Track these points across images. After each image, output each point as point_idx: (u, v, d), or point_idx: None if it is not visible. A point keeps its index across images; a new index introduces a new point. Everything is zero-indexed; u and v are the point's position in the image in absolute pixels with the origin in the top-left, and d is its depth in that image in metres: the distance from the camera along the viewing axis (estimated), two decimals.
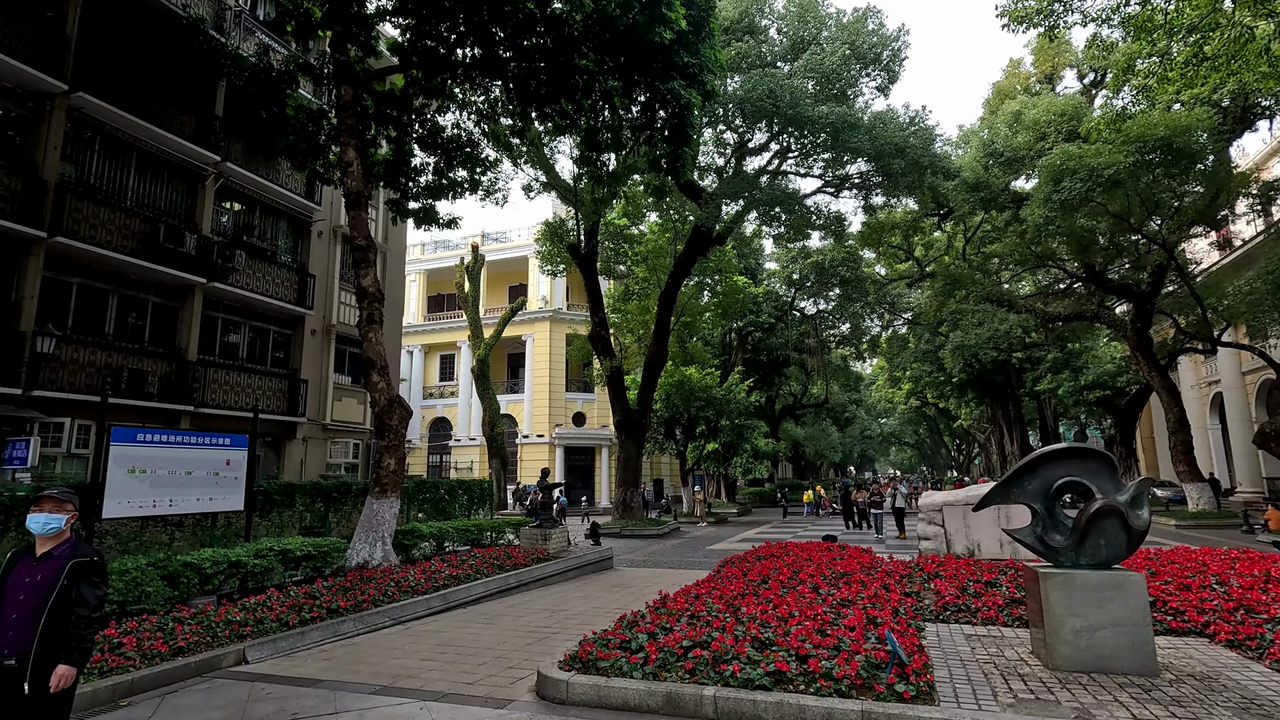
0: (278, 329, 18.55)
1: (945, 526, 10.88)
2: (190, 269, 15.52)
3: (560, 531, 14.22)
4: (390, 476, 11.01)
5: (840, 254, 30.61)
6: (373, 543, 10.72)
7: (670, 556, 17.23)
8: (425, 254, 44.35)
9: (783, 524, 27.77)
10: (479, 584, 10.21)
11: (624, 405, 23.86)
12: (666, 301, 23.38)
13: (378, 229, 22.38)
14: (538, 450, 38.29)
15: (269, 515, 10.40)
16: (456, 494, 15.18)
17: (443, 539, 12.75)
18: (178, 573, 7.75)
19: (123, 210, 14.44)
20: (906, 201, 29.47)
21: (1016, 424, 45.33)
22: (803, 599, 6.76)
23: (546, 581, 12.02)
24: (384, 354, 11.51)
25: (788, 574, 8.27)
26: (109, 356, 13.97)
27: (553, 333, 39.63)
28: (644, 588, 11.57)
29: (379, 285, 11.81)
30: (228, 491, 9.37)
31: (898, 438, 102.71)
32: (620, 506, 23.40)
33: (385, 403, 11.20)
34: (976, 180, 21.57)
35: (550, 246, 24.55)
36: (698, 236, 21.73)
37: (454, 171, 16.67)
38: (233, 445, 9.49)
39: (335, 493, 11.61)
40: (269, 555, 8.90)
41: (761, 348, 37.64)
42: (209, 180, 16.41)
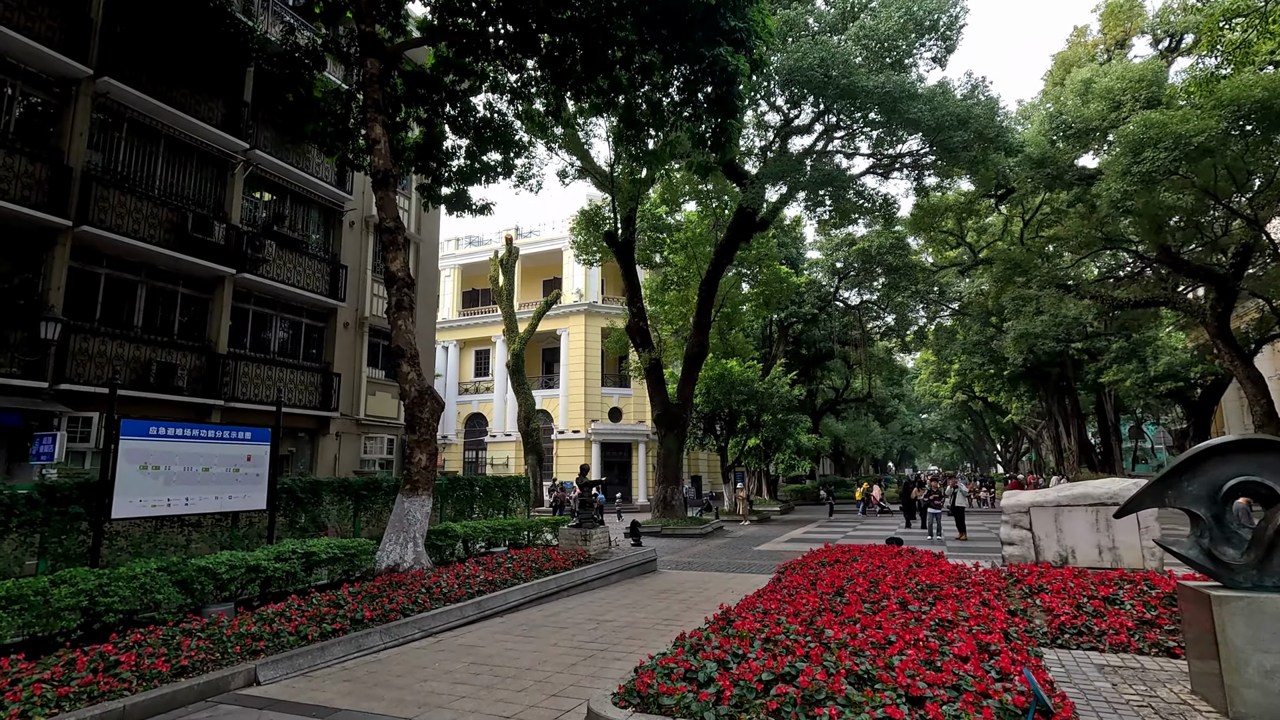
0: (310, 321, 18.10)
1: (1033, 530, 9.70)
2: (219, 259, 15.10)
3: (601, 532, 13.38)
4: (422, 473, 10.30)
5: (888, 240, 29.14)
6: (403, 544, 10.02)
7: (716, 558, 16.27)
8: (459, 249, 44.05)
9: (830, 523, 26.55)
10: (516, 590, 9.41)
11: (663, 399, 22.93)
12: (707, 291, 22.36)
13: (410, 219, 21.85)
14: (573, 446, 37.65)
15: (294, 514, 9.75)
16: (492, 491, 14.46)
17: (477, 539, 12.02)
18: (191, 578, 7.10)
19: (150, 199, 14.04)
20: (959, 183, 27.91)
21: (1074, 418, 42.99)
22: (893, 618, 5.75)
23: (588, 586, 11.19)
24: (414, 343, 10.79)
25: (864, 585, 7.25)
26: (137, 349, 13.58)
27: (588, 326, 38.92)
28: (694, 594, 10.65)
29: (408, 270, 11.10)
30: (249, 489, 8.73)
31: (939, 433, 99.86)
32: (660, 504, 22.50)
33: (416, 394, 10.48)
34: (1042, 156, 20.01)
35: (586, 235, 23.73)
36: (741, 220, 20.66)
37: (486, 154, 15.96)
38: (254, 440, 8.85)
39: (364, 490, 10.95)
40: (291, 559, 8.22)
41: (803, 340, 36.33)
42: (238, 168, 15.97)
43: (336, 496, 10.49)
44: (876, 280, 35.92)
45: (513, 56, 14.24)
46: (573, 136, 21.49)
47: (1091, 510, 9.36)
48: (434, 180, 15.88)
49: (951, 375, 56.49)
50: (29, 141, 12.38)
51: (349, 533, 10.70)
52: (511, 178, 17.62)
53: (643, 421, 38.87)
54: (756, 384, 27.69)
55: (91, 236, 12.85)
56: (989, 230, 31.90)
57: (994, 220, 31.23)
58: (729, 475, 29.83)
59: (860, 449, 61.07)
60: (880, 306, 37.04)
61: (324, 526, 10.30)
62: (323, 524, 10.23)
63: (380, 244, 11.02)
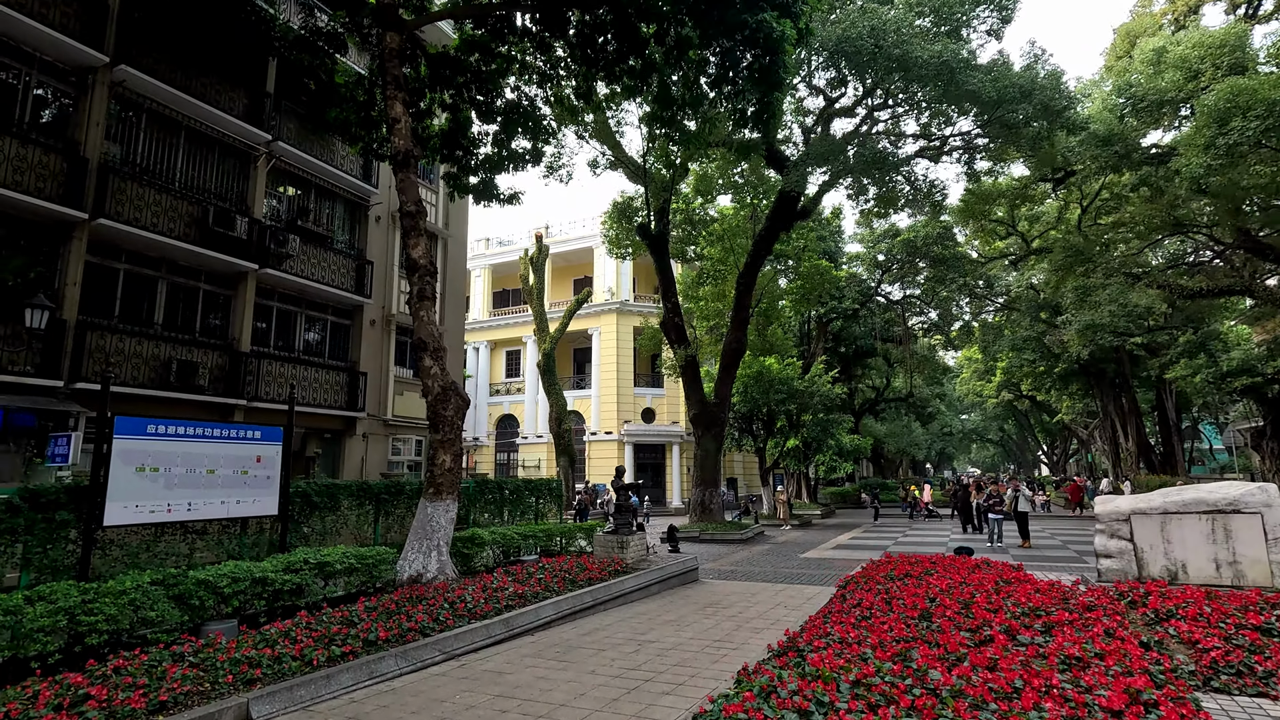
0: (335, 319, 17.56)
1: (1135, 541, 8.49)
2: (242, 254, 14.60)
3: (639, 539, 12.46)
4: (446, 475, 9.50)
5: (934, 230, 27.66)
6: (427, 552, 9.23)
7: (761, 566, 15.22)
8: (489, 249, 43.64)
9: (876, 528, 25.23)
10: (549, 604, 8.53)
11: (700, 397, 21.94)
12: (745, 284, 21.31)
13: (438, 214, 21.26)
14: (606, 448, 36.84)
15: (308, 520, 9.03)
16: (522, 494, 13.64)
17: (507, 547, 11.20)
18: (189, 592, 6.37)
19: (170, 192, 13.57)
20: (1012, 169, 26.34)
21: (1132, 416, 40.66)
22: (1008, 655, 4.70)
23: (626, 599, 10.27)
24: (438, 335, 10.01)
25: (954, 607, 6.18)
26: (157, 347, 13.10)
27: (619, 325, 38.09)
28: (743, 609, 9.66)
29: (431, 257, 10.33)
30: (258, 493, 8.01)
31: (979, 435, 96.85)
32: (698, 508, 21.49)
33: (439, 391, 9.69)
34: (1108, 133, 18.49)
35: (619, 228, 22.88)
36: (781, 207, 19.58)
37: (514, 141, 15.19)
38: (264, 439, 8.14)
39: (385, 494, 10.19)
40: (303, 570, 7.47)
41: (843, 337, 34.95)
42: (260, 161, 15.48)
43: (355, 501, 9.75)
44: (920, 274, 34.39)
45: (540, 36, 13.48)
46: (603, 124, 20.66)
47: (1206, 519, 8.13)
48: (460, 169, 15.19)
49: (997, 373, 54.30)
50: (44, 132, 11.98)
51: (369, 540, 9.97)
52: (540, 166, 16.84)
53: (676, 422, 37.88)
54: (796, 382, 26.51)
55: (109, 230, 12.40)
56: (1042, 219, 30.18)
57: (1048, 208, 29.53)
58: (768, 478, 28.66)
59: (901, 450, 59.09)
60: (924, 301, 35.43)
61: (341, 533, 9.57)
62: (340, 531, 9.49)
63: (401, 229, 10.30)
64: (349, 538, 9.70)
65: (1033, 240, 29.09)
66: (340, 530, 9.49)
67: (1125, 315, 20.83)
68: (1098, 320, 21.30)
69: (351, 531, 9.69)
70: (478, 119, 14.79)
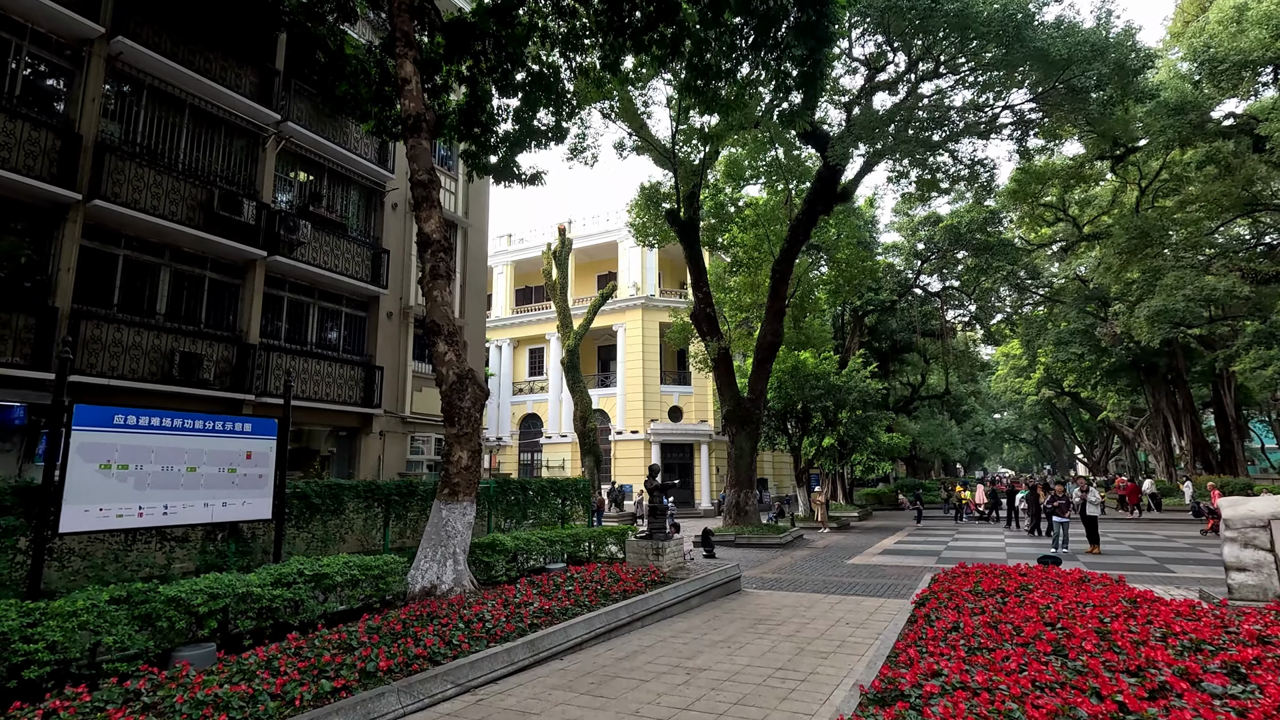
0: (349, 311, 16.68)
1: (1277, 551, 7.12)
2: (250, 241, 13.76)
3: (675, 544, 11.30)
4: (462, 474, 8.45)
5: (980, 215, 26.08)
6: (441, 561, 8.18)
7: (806, 574, 13.97)
8: (511, 245, 42.82)
9: (920, 531, 23.75)
10: (579, 622, 7.41)
11: (734, 393, 20.71)
12: (782, 271, 20.05)
13: (457, 202, 20.33)
14: (632, 447, 35.73)
15: (309, 525, 8.02)
16: (547, 496, 12.56)
17: (530, 554, 10.12)
18: (156, 612, 5.37)
19: (173, 174, 12.75)
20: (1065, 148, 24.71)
21: (1186, 413, 38.44)
22: (1200, 714, 3.46)
23: (665, 613, 9.12)
24: (453, 318, 8.97)
25: (1091, 636, 4.93)
26: (158, 338, 12.27)
27: (645, 321, 36.96)
28: (800, 627, 8.44)
29: (445, 232, 9.30)
30: (248, 495, 7.02)
31: (1013, 434, 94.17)
32: (733, 510, 20.26)
33: (454, 379, 8.64)
34: (1181, 101, 16.90)
35: (646, 215, 21.75)
36: (821, 188, 18.31)
37: (536, 116, 14.16)
38: (256, 433, 7.14)
39: (396, 495, 9.15)
40: (297, 583, 6.45)
41: (879, 331, 33.42)
42: (269, 142, 14.64)
43: (362, 503, 8.73)
44: (960, 265, 32.75)
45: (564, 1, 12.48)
46: (629, 105, 19.56)
47: None
48: (479, 147, 14.21)
49: (1037, 370, 52.18)
50: (35, 107, 11.21)
51: (377, 547, 8.94)
52: (564, 145, 15.90)
53: (705, 421, 36.65)
54: (834, 377, 25.14)
55: (105, 213, 11.59)
56: (1094, 203, 28.42)
57: (1101, 191, 27.78)
58: (803, 478, 27.30)
59: (936, 450, 57.02)
60: (964, 292, 33.74)
61: (346, 540, 8.56)
62: (345, 537, 8.48)
63: (413, 200, 9.27)
64: (355, 544, 8.69)
65: (1084, 225, 27.34)
66: (345, 536, 8.48)
67: (1202, 300, 19.15)
68: (1170, 305, 19.63)
69: (358, 537, 8.68)
70: (497, 93, 13.77)
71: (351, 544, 8.66)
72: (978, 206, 25.98)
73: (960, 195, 29.32)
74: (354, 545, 8.71)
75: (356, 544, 8.73)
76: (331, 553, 7.98)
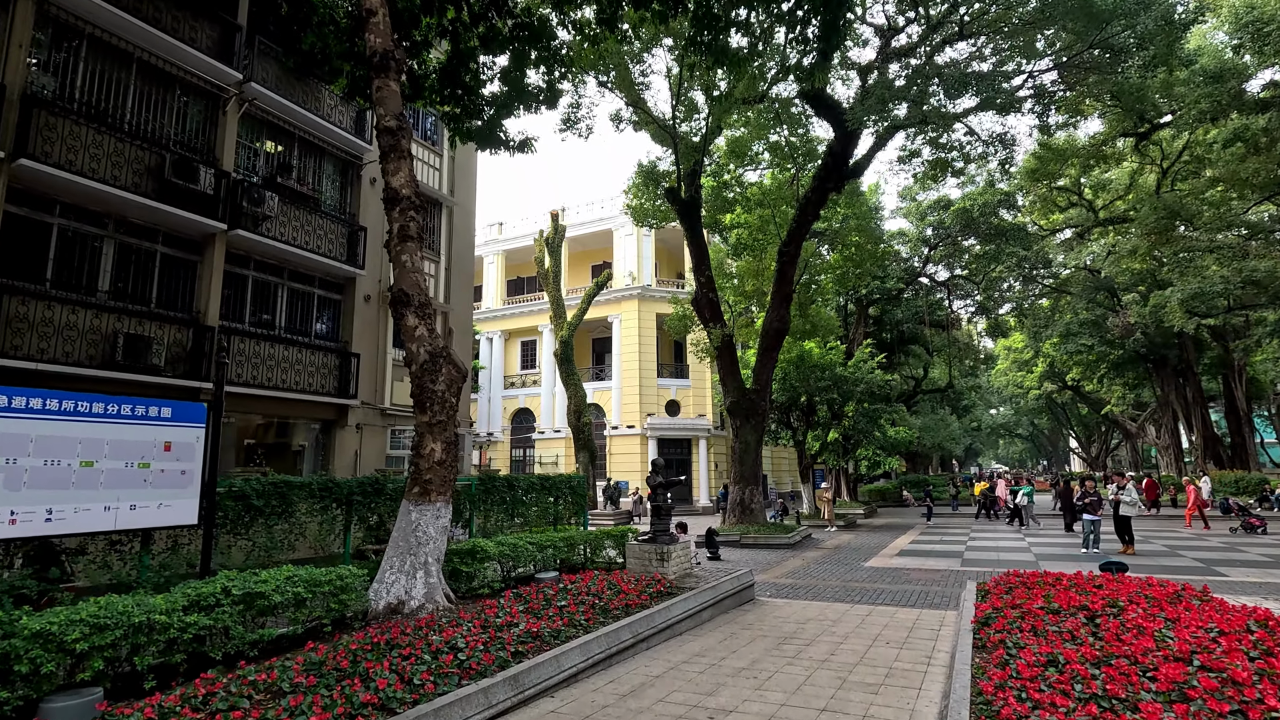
0: (323, 293, 15.32)
1: None
2: (208, 213, 12.39)
3: (681, 548, 10.05)
4: (435, 470, 7.16)
5: (994, 198, 24.87)
6: (410, 573, 6.90)
7: (823, 578, 12.74)
8: (502, 234, 41.42)
9: (933, 529, 22.59)
10: (575, 647, 6.14)
11: (738, 384, 19.46)
12: (789, 255, 18.79)
13: (441, 179, 18.99)
14: (628, 442, 34.46)
15: (249, 531, 6.71)
16: (538, 494, 11.25)
17: (518, 561, 8.83)
18: (15, 652, 4.06)
19: (117, 135, 11.37)
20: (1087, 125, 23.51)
21: (1197, 406, 37.42)
22: None
23: (674, 630, 7.86)
24: (425, 287, 7.67)
25: (1267, 689, 3.70)
26: (98, 318, 10.90)
27: (641, 312, 35.66)
28: (833, 648, 7.20)
29: (415, 187, 7.98)
30: (166, 495, 5.71)
31: (1009, 429, 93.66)
32: (737, 508, 19.03)
33: (426, 357, 7.35)
34: (1220, 68, 15.72)
35: (644, 195, 20.45)
36: (832, 162, 17.07)
37: (525, 75, 12.84)
38: (177, 419, 5.82)
39: (360, 494, 7.82)
40: (221, 604, 5.15)
41: (884, 321, 32.24)
42: (230, 104, 13.25)
43: (318, 504, 7.40)
44: (967, 253, 31.57)
45: None
46: (625, 75, 18.22)
47: None
48: (464, 111, 12.87)
49: (1039, 363, 51.25)
50: None
51: (339, 556, 7.63)
52: (557, 109, 14.50)
53: (703, 415, 35.43)
54: (840, 369, 23.94)
55: (34, 174, 10.21)
56: (1109, 188, 27.29)
57: (1117, 174, 26.64)
58: (808, 474, 26.10)
59: (936, 445, 55.96)
60: (973, 281, 32.57)
61: (298, 547, 7.24)
62: (295, 544, 7.17)
63: (379, 150, 7.96)
64: (309, 553, 7.38)
65: (1099, 211, 26.19)
66: (295, 543, 7.16)
67: (1239, 282, 18.01)
68: (1207, 288, 18.47)
69: (311, 545, 7.38)
70: (482, 48, 12.43)
71: (304, 552, 7.36)
72: (991, 189, 24.79)
73: (970, 179, 28.18)
74: (308, 554, 7.40)
75: (311, 552, 7.43)
76: (280, 563, 6.67)
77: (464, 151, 19.67)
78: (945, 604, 9.99)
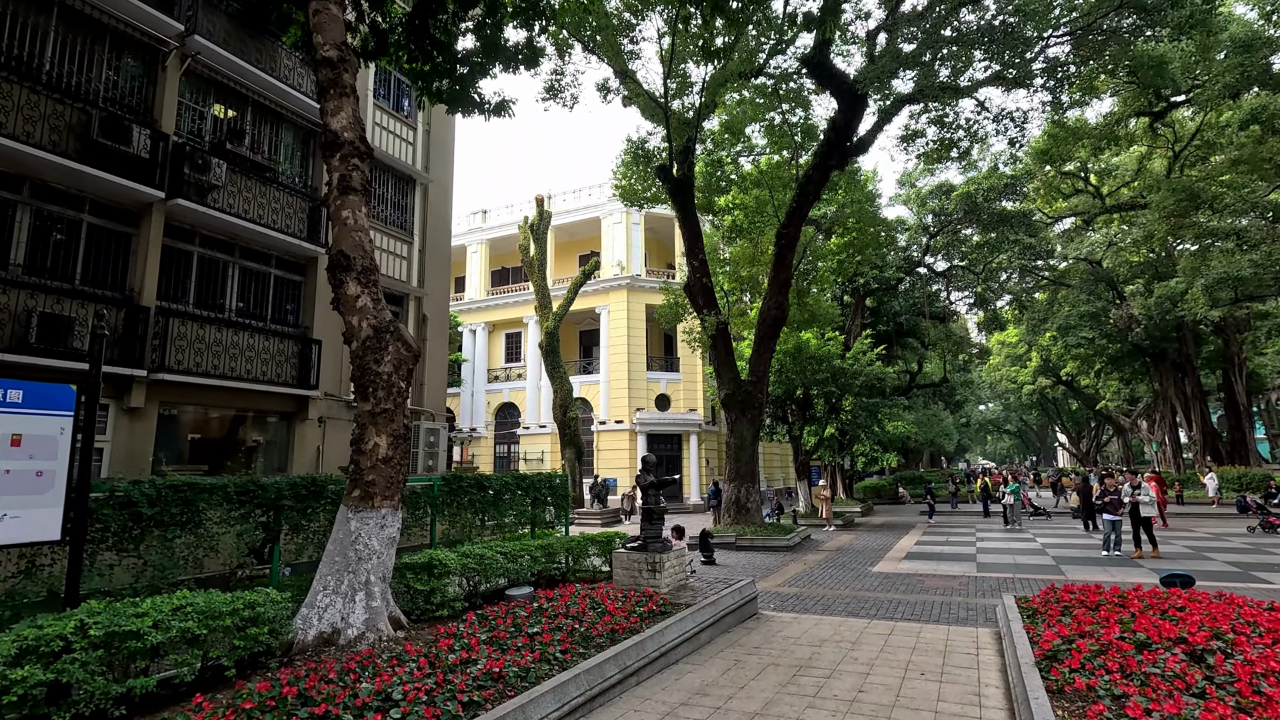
0: (280, 273, 13.95)
1: None
2: (144, 179, 11.01)
3: (675, 557, 8.84)
4: (380, 469, 5.89)
5: (1000, 182, 23.80)
6: (348, 595, 5.64)
7: (829, 585, 11.58)
8: (486, 222, 39.99)
9: (936, 529, 21.54)
10: (548, 692, 4.90)
11: (733, 375, 18.27)
12: (788, 237, 17.59)
13: (416, 154, 17.62)
14: (616, 438, 33.23)
15: (135, 547, 5.41)
16: (513, 495, 9.96)
17: (486, 574, 7.58)
18: None
19: (31, 87, 9.96)
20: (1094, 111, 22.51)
21: (1196, 401, 36.68)
22: None
23: (668, 658, 6.65)
24: (369, 248, 6.38)
25: None
26: (5, 295, 9.52)
27: (630, 303, 34.41)
28: (859, 681, 6.00)
29: (360, 131, 6.68)
30: (16, 503, 4.40)
31: (997, 425, 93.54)
32: (732, 507, 17.86)
33: (370, 332, 6.07)
34: (1249, 37, 14.69)
35: (634, 174, 19.18)
36: (835, 137, 15.89)
37: (503, 29, 11.52)
38: (30, 406, 4.52)
39: (291, 499, 6.50)
40: (73, 650, 3.86)
41: (882, 312, 31.18)
42: (171, 60, 11.84)
43: (235, 510, 6.08)
44: (967, 243, 30.57)
45: None
46: (613, 43, 16.93)
47: None
48: (433, 69, 11.54)
49: (1033, 358, 50.59)
50: None
51: (261, 577, 6.34)
52: (538, 70, 13.20)
53: (694, 410, 34.27)
54: (838, 361, 22.83)
55: None
56: (1115, 174, 26.34)
57: (1124, 159, 25.69)
58: (804, 470, 25.00)
59: (930, 441, 55.15)
60: (972, 272, 31.57)
61: (207, 565, 5.94)
62: (205, 561, 5.86)
63: (317, 85, 6.66)
64: (222, 569, 6.08)
65: (1105, 196, 25.23)
66: (205, 560, 5.86)
67: (1271, 264, 17.00)
68: (1234, 271, 17.46)
69: (226, 561, 6.07)
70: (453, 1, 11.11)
71: (217, 570, 6.06)
72: (995, 174, 23.73)
73: (973, 164, 27.14)
74: (221, 571, 6.10)
75: (224, 570, 6.13)
76: (183, 586, 5.38)
77: (440, 125, 18.32)
78: (972, 618, 8.86)
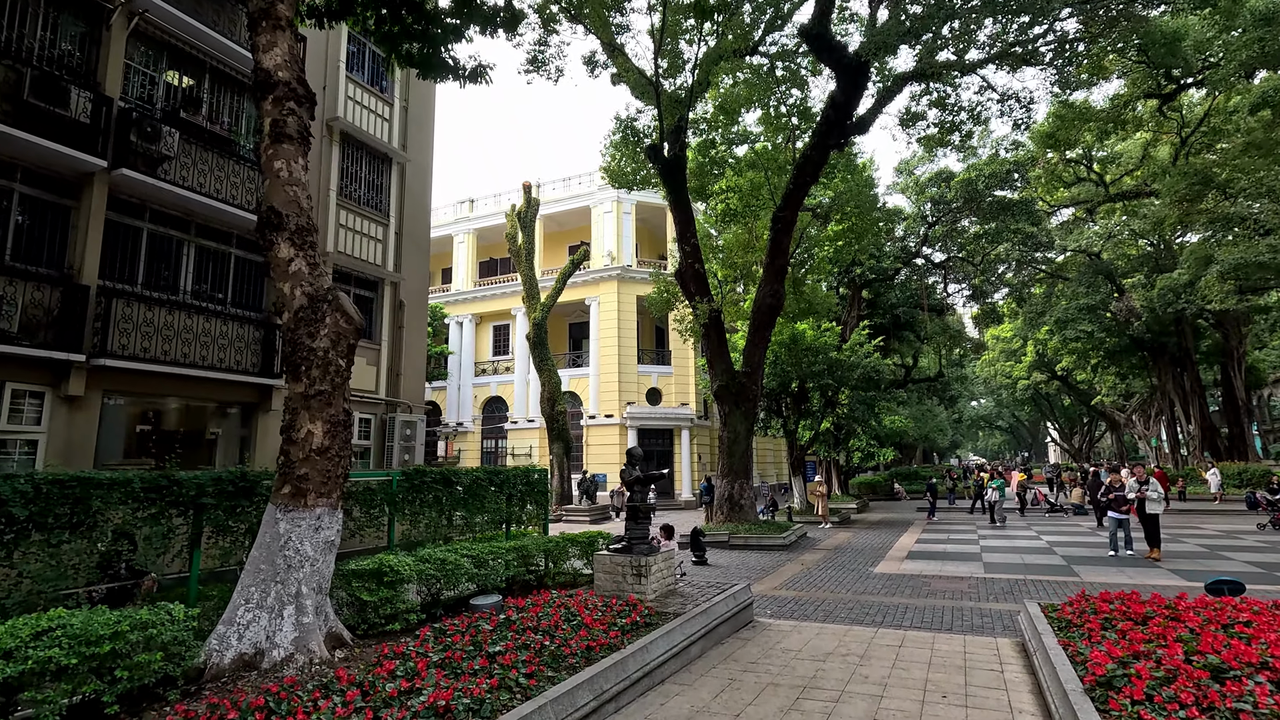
0: (242, 253, 13.01)
1: None
2: (85, 147, 10.07)
3: (664, 560, 8.01)
4: (314, 461, 5.03)
5: (1001, 168, 23.06)
6: (274, 609, 4.78)
7: (829, 588, 10.80)
8: (474, 212, 38.98)
9: (938, 527, 20.82)
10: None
11: (726, 365, 17.45)
12: (784, 222, 16.76)
13: (392, 131, 16.67)
14: (606, 433, 32.40)
15: (10, 556, 4.51)
16: (486, 492, 9.07)
17: (448, 580, 6.72)
18: None
19: None
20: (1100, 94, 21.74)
21: (1194, 395, 36.18)
22: None
23: (653, 677, 5.83)
24: (306, 205, 5.51)
25: None
26: None
27: (621, 294, 33.54)
28: (874, 706, 5.19)
29: (298, 71, 5.79)
30: None
31: (989, 421, 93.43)
32: (725, 504, 17.06)
33: (304, 302, 5.20)
34: (1270, 10, 13.97)
35: (624, 154, 18.29)
36: (836, 115, 15.07)
37: None
38: None
39: (213, 496, 5.59)
40: None
41: (878, 305, 30.45)
42: (116, 18, 10.87)
43: (145, 510, 5.18)
44: (965, 233, 29.85)
45: None
46: (600, 17, 16.02)
47: None
48: (401, 30, 10.61)
49: (1028, 353, 50.05)
50: None
51: (172, 588, 5.45)
52: (517, 33, 12.32)
53: (685, 404, 33.47)
54: (835, 353, 22.07)
55: None
56: (1119, 162, 25.66)
57: (1127, 147, 25.00)
58: (799, 466, 24.25)
59: (924, 436, 54.63)
60: (970, 263, 30.86)
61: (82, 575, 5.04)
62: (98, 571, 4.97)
63: (247, 16, 5.78)
64: (142, 579, 5.18)
65: (1109, 184, 24.54)
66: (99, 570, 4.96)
67: None
68: (1252, 257, 16.76)
69: (149, 567, 5.17)
70: None
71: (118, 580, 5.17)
72: (995, 160, 22.99)
73: (973, 152, 26.39)
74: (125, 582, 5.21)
75: (141, 579, 5.24)
76: (67, 600, 4.50)
77: (418, 102, 17.37)
78: (988, 626, 8.09)
